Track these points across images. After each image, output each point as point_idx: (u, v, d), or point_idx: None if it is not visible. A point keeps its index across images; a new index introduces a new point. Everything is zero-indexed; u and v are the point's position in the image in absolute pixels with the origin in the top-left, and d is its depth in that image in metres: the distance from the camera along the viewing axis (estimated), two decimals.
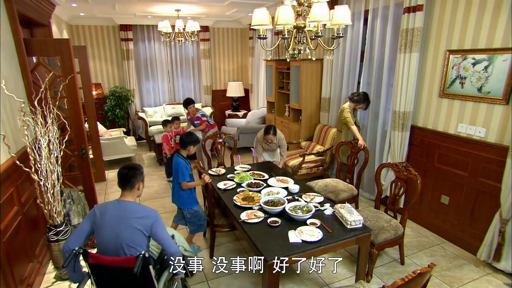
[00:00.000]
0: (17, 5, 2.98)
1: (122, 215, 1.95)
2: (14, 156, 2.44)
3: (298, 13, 2.40)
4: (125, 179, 2.06)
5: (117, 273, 1.88)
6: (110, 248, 1.93)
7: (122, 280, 1.92)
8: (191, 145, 3.06)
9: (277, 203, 2.62)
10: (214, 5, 5.77)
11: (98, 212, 1.97)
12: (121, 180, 2.06)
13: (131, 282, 1.90)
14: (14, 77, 2.84)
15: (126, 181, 2.06)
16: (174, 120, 5.20)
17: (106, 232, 1.93)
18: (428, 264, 1.54)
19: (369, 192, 4.42)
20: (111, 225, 1.93)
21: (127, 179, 2.05)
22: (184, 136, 3.10)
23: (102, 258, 1.86)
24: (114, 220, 1.94)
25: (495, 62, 2.80)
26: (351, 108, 4.10)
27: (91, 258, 1.86)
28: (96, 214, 1.97)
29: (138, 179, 2.09)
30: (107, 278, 1.94)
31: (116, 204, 2.01)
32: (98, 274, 1.92)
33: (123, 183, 2.06)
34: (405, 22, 3.35)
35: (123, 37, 7.09)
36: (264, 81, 6.97)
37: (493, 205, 2.91)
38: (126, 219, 1.93)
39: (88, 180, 3.65)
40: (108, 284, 1.98)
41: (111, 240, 1.92)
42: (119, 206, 2.00)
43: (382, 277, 2.85)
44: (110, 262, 1.87)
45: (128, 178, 2.06)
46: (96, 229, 1.96)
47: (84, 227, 1.97)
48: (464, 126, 3.13)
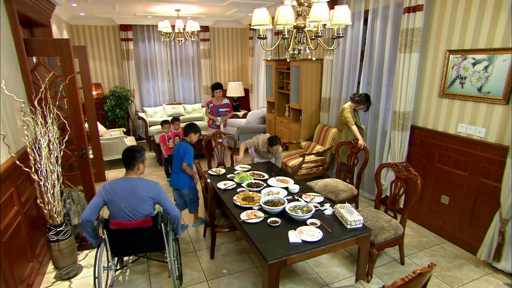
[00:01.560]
0: (17, 5, 2.98)
1: (132, 189, 2.38)
2: (14, 156, 2.45)
3: (298, 13, 2.40)
4: (126, 160, 2.46)
5: (134, 233, 2.41)
6: (123, 216, 2.38)
7: (138, 238, 2.45)
8: (192, 132, 3.29)
9: (277, 203, 2.62)
10: (214, 5, 5.77)
11: (109, 189, 2.38)
12: (124, 161, 2.48)
13: (145, 240, 2.45)
14: (14, 77, 2.84)
15: (127, 162, 2.47)
16: (174, 121, 5.15)
17: (119, 204, 2.36)
18: (428, 264, 1.54)
19: (369, 192, 4.42)
20: (123, 197, 2.36)
21: (127, 160, 2.46)
22: (186, 125, 3.33)
23: (122, 223, 2.36)
24: (125, 193, 2.37)
25: (495, 62, 2.80)
26: (352, 109, 4.11)
27: (112, 224, 2.35)
28: (107, 191, 2.37)
29: (138, 160, 2.47)
30: (124, 239, 2.43)
31: (124, 181, 2.42)
32: (116, 237, 2.40)
33: (125, 163, 2.48)
34: (405, 22, 3.35)
35: (123, 37, 7.09)
36: (264, 81, 6.97)
37: (493, 205, 2.91)
38: (135, 192, 2.38)
39: (88, 180, 3.65)
40: (125, 243, 2.47)
41: (125, 209, 2.37)
42: (127, 182, 2.42)
43: (382, 277, 2.85)
44: (129, 225, 2.36)
45: (129, 160, 2.45)
46: (109, 202, 2.38)
47: (96, 202, 2.37)
48: (464, 126, 3.13)
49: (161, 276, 2.88)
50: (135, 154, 2.46)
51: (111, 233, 2.36)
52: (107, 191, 2.38)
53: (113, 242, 2.42)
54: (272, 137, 3.84)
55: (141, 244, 2.51)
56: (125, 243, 2.47)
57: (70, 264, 2.80)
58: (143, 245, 2.54)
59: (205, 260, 3.10)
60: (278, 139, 3.82)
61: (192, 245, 3.36)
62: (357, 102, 4.03)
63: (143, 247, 2.58)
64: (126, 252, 2.65)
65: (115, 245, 2.44)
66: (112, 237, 2.38)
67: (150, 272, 2.93)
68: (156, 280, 2.83)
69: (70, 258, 2.79)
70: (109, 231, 2.35)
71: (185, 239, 3.46)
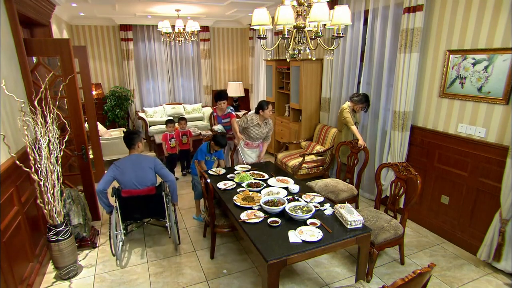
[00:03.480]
0: (17, 5, 2.98)
1: (137, 162, 3.06)
2: (14, 156, 2.44)
3: (298, 13, 2.40)
4: (129, 141, 3.11)
5: (141, 200, 3.06)
6: (132, 185, 3.03)
7: (144, 204, 3.11)
8: (218, 146, 3.66)
9: (277, 203, 2.62)
10: (214, 5, 5.77)
11: (119, 165, 3.02)
12: (126, 142, 3.13)
13: (149, 205, 3.12)
14: (14, 77, 2.84)
15: (129, 142, 3.11)
16: (180, 120, 5.17)
17: (129, 175, 3.02)
18: (428, 264, 1.54)
19: (369, 192, 4.42)
20: (132, 169, 3.03)
21: (129, 141, 3.10)
22: (219, 136, 3.68)
23: (132, 191, 3.00)
24: (132, 166, 3.04)
25: (495, 62, 2.80)
26: (351, 108, 4.11)
27: (124, 193, 2.98)
28: (118, 167, 3.01)
29: (137, 140, 3.11)
30: (133, 205, 3.07)
31: (129, 157, 3.09)
32: (126, 204, 3.03)
33: (127, 144, 3.12)
34: (405, 22, 3.35)
35: (123, 37, 7.09)
36: (264, 81, 6.97)
37: (493, 205, 2.91)
38: (140, 165, 3.06)
39: (88, 180, 3.65)
40: (134, 208, 3.11)
41: (134, 179, 3.03)
42: (132, 157, 3.09)
43: (382, 277, 2.85)
44: (137, 193, 3.01)
45: (130, 140, 3.10)
46: (119, 175, 3.01)
47: (108, 176, 2.99)
48: (464, 126, 3.13)
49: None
50: (134, 135, 3.12)
51: (122, 201, 3.00)
52: (117, 167, 3.01)
53: (123, 209, 3.05)
54: (260, 102, 3.98)
55: (146, 209, 3.17)
56: (133, 209, 3.11)
57: (70, 264, 2.80)
58: (148, 211, 3.20)
59: (205, 260, 3.11)
60: (265, 101, 3.97)
61: (192, 245, 3.36)
62: (356, 101, 4.03)
63: (148, 212, 3.23)
64: (134, 217, 3.23)
65: (124, 211, 3.07)
66: (123, 204, 3.02)
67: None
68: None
69: (70, 258, 2.79)
70: (121, 199, 2.98)
71: (185, 239, 3.47)
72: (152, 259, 3.12)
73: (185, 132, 5.16)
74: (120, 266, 3.03)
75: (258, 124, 4.00)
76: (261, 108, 3.94)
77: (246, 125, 4.03)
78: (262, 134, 4.12)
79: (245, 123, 4.03)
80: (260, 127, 4.03)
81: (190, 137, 5.26)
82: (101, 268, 3.00)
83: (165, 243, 3.39)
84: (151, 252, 3.25)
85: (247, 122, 4.02)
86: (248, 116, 4.04)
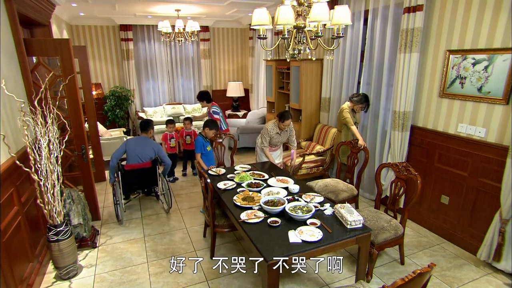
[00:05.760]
0: (17, 5, 2.98)
1: (144, 142, 3.93)
2: (14, 156, 2.44)
3: (298, 13, 2.40)
4: (143, 124, 4.08)
5: (140, 172, 3.87)
6: (136, 159, 3.83)
7: (141, 176, 3.91)
8: (207, 127, 3.93)
9: (277, 203, 2.62)
10: (214, 5, 5.77)
11: (130, 142, 3.88)
12: (141, 127, 4.08)
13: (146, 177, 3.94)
14: (14, 77, 2.84)
15: (144, 126, 4.06)
16: (185, 120, 5.16)
17: (135, 149, 3.84)
18: (428, 264, 1.54)
19: (369, 192, 4.42)
20: (139, 145, 3.87)
21: (144, 126, 4.06)
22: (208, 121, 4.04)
23: (132, 165, 3.80)
24: (140, 143, 3.90)
25: (495, 62, 2.80)
26: (350, 108, 4.10)
27: (126, 166, 3.77)
28: (129, 144, 3.85)
29: (150, 127, 4.09)
30: (134, 176, 3.85)
31: (140, 137, 4.02)
32: (127, 176, 3.79)
33: (142, 128, 4.07)
34: (405, 22, 3.35)
35: (123, 37, 7.09)
36: (264, 81, 6.97)
37: (493, 205, 2.91)
38: (146, 144, 3.90)
39: (88, 180, 3.65)
40: (134, 179, 3.89)
41: (138, 153, 3.83)
42: (142, 138, 3.99)
43: (382, 277, 2.85)
44: (137, 166, 3.82)
45: (145, 124, 4.08)
46: (129, 149, 3.83)
47: (120, 151, 3.81)
48: (464, 126, 3.13)
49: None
50: (148, 124, 4.09)
51: (124, 174, 3.75)
52: (129, 143, 3.86)
53: (124, 181, 3.77)
54: (282, 112, 3.89)
55: (143, 180, 3.95)
56: (133, 181, 3.88)
57: (70, 264, 2.80)
58: (144, 182, 3.98)
59: (205, 260, 3.10)
60: (289, 112, 3.88)
61: (192, 245, 3.36)
62: (355, 101, 4.04)
63: (144, 183, 4.01)
64: (132, 188, 4.01)
65: (125, 183, 3.79)
66: (124, 177, 3.76)
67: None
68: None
69: (70, 258, 2.79)
70: (123, 173, 3.74)
71: (185, 239, 3.47)
72: (152, 259, 3.12)
73: (189, 133, 5.15)
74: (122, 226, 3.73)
75: (278, 133, 4.01)
76: (280, 118, 3.85)
77: (270, 137, 4.01)
78: (282, 140, 4.16)
79: (267, 136, 3.99)
80: (280, 135, 4.05)
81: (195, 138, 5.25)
82: (101, 268, 3.00)
83: (166, 243, 3.39)
84: (151, 252, 3.25)
85: (268, 135, 3.98)
86: (268, 128, 3.98)
